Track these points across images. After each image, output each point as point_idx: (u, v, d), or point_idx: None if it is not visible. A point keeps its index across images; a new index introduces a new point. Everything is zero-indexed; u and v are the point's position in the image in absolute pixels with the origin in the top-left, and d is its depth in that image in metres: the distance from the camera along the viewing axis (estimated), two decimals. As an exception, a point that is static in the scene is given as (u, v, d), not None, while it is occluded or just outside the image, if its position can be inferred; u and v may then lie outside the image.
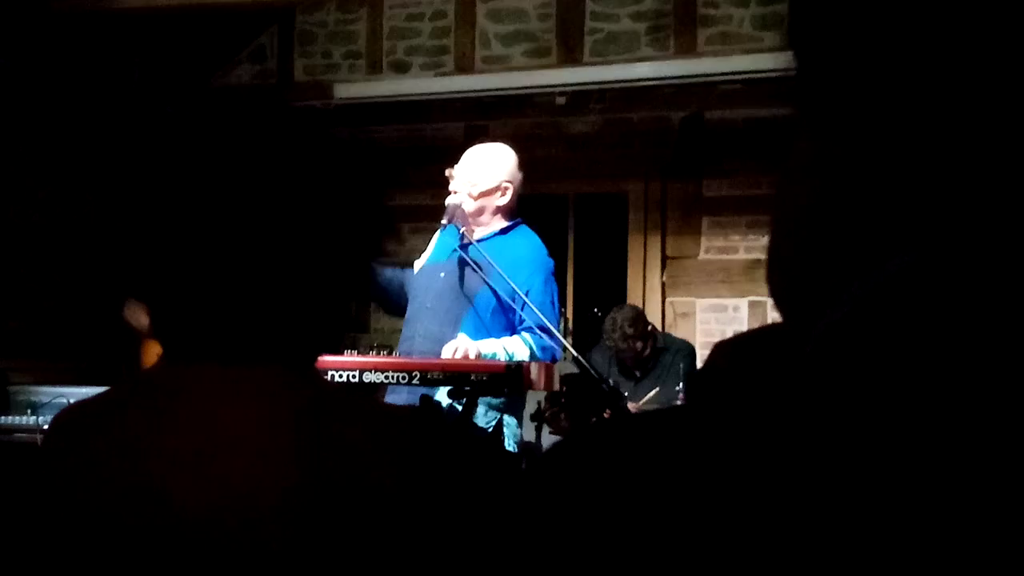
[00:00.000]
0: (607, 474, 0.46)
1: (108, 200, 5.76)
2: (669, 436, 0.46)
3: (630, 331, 4.94)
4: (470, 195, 3.38)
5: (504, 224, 3.45)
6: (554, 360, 3.28)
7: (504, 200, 3.42)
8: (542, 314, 3.22)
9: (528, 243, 3.44)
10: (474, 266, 3.30)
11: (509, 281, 3.21)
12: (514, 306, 3.29)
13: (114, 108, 5.99)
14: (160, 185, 1.18)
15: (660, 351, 5.06)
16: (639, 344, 4.97)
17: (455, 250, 3.41)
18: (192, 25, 6.06)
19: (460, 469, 1.14)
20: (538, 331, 3.25)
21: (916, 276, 0.44)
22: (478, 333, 3.26)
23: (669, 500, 0.43)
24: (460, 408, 2.94)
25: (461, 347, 3.08)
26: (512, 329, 3.33)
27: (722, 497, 0.42)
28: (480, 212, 3.40)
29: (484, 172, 3.41)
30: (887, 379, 0.42)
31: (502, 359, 3.14)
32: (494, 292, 3.30)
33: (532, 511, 0.47)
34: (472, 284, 3.33)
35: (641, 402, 4.66)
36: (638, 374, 5.05)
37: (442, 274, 3.42)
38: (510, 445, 3.24)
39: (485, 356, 3.11)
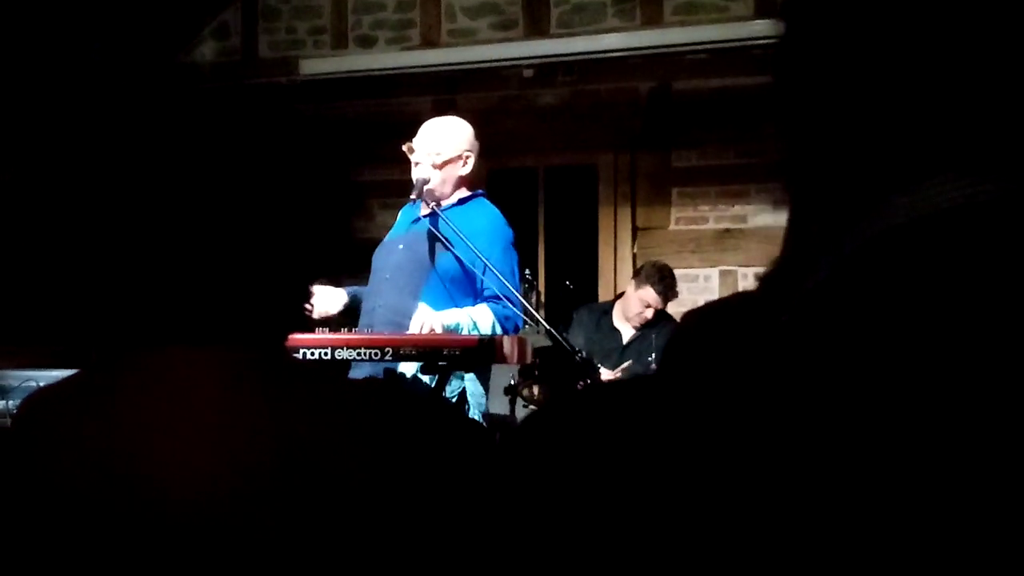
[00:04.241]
0: (582, 446, 0.46)
1: (73, 181, 5.69)
2: (644, 406, 0.46)
3: (661, 294, 4.91)
4: (433, 165, 3.41)
5: (463, 195, 3.47)
6: (516, 329, 3.31)
7: (465, 170, 3.45)
8: (505, 283, 3.25)
9: (485, 213, 3.47)
10: (441, 237, 3.33)
11: (473, 248, 3.23)
12: (476, 273, 3.32)
13: (75, 86, 5.91)
14: (124, 166, 1.16)
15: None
16: (656, 309, 4.93)
17: (415, 221, 3.45)
18: (155, 1, 5.98)
19: (433, 443, 1.14)
20: (500, 300, 3.29)
21: (885, 245, 0.45)
22: (439, 302, 3.28)
23: (647, 471, 0.43)
24: (429, 381, 2.95)
25: (427, 321, 3.10)
26: (475, 297, 3.36)
27: (703, 466, 0.42)
28: (443, 183, 3.43)
29: (445, 142, 3.44)
30: (862, 348, 0.42)
31: (466, 329, 3.17)
32: (458, 259, 3.32)
33: (508, 485, 0.47)
34: (433, 254, 3.36)
35: (616, 371, 4.67)
36: (624, 340, 5.03)
37: (401, 246, 3.46)
38: (475, 415, 3.27)
39: (448, 327, 3.13)
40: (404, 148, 3.49)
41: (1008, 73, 0.46)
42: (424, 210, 3.44)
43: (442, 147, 3.43)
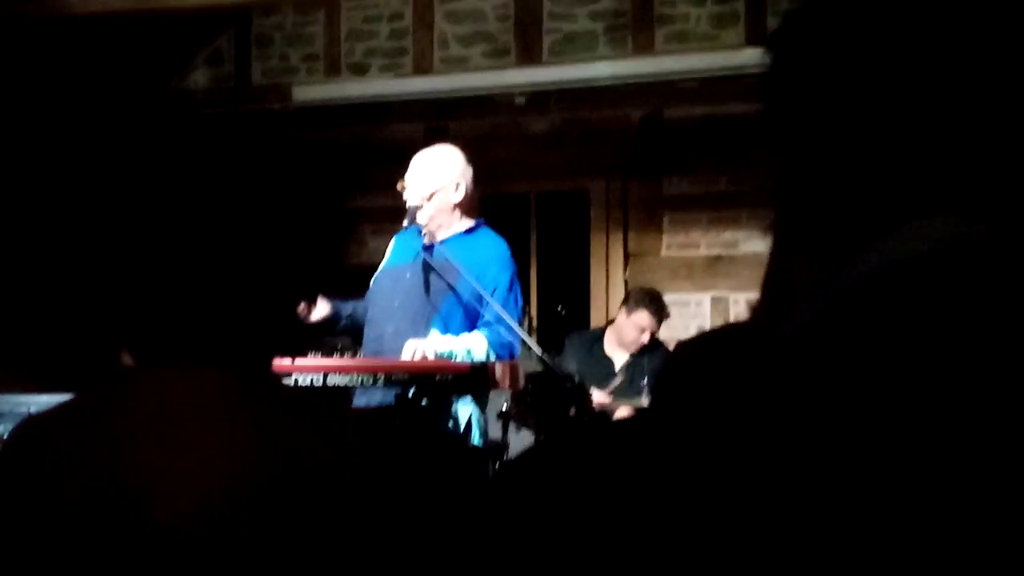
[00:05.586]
0: (578, 486, 0.46)
1: (66, 207, 5.69)
2: (639, 444, 0.46)
3: (656, 315, 4.89)
4: (423, 198, 3.42)
5: (468, 224, 3.49)
6: (512, 355, 3.32)
7: (458, 196, 3.46)
8: (506, 312, 3.25)
9: (494, 243, 3.49)
10: (439, 267, 3.34)
11: (473, 282, 3.24)
12: (479, 306, 3.33)
13: (68, 114, 5.92)
14: (118, 192, 1.17)
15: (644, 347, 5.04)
16: (650, 335, 4.91)
17: (422, 250, 3.45)
18: (148, 29, 6.00)
19: (424, 473, 1.14)
20: (497, 326, 3.29)
21: (876, 284, 0.45)
22: (445, 331, 3.29)
23: (641, 509, 0.44)
24: (430, 406, 2.95)
25: (420, 347, 3.11)
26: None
27: (695, 505, 0.42)
28: (438, 213, 3.44)
29: (431, 173, 3.46)
30: (850, 387, 0.42)
31: (460, 356, 3.17)
32: (454, 292, 3.33)
33: (502, 522, 0.47)
34: (439, 284, 3.37)
35: (607, 391, 4.65)
36: (616, 367, 5.01)
37: (408, 275, 3.46)
38: (476, 440, 3.27)
39: (442, 354, 3.13)
40: (398, 187, 3.51)
41: (1000, 111, 0.46)
42: (429, 239, 3.46)
43: (428, 180, 3.45)
